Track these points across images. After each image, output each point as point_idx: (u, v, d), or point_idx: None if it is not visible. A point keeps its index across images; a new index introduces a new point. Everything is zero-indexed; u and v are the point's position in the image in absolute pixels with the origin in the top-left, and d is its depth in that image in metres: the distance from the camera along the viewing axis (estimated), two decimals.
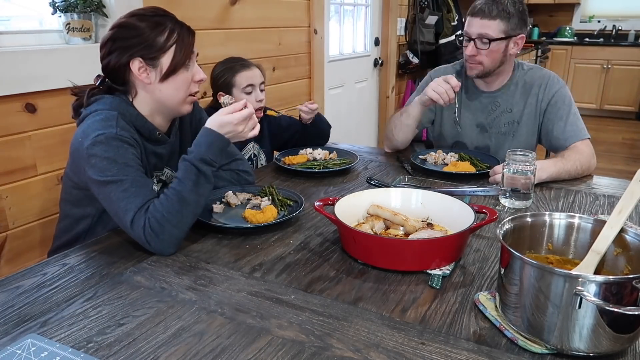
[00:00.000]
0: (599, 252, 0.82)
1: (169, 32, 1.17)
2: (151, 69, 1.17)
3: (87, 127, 1.12)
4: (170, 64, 1.17)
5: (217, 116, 1.15)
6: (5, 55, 1.47)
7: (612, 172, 4.31)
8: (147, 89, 1.20)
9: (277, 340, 0.80)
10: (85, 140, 1.10)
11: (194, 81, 1.23)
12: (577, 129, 1.67)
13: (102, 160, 1.08)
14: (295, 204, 1.32)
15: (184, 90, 1.22)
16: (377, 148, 2.04)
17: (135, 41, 1.15)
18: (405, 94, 4.28)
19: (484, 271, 1.02)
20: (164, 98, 1.21)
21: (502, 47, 1.67)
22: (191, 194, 1.09)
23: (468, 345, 0.79)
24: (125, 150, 1.11)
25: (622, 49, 6.21)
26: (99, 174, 1.08)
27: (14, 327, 0.84)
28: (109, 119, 1.13)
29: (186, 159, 1.12)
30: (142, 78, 1.17)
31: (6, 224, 1.55)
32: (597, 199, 1.43)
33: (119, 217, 1.09)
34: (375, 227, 1.14)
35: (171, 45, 1.17)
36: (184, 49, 1.19)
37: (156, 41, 1.16)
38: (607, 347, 0.74)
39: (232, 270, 1.03)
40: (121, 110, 1.17)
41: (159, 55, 1.16)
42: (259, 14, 2.51)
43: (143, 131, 1.22)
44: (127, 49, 1.15)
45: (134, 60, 1.15)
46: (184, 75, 1.21)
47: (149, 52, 1.15)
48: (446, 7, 4.19)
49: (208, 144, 1.12)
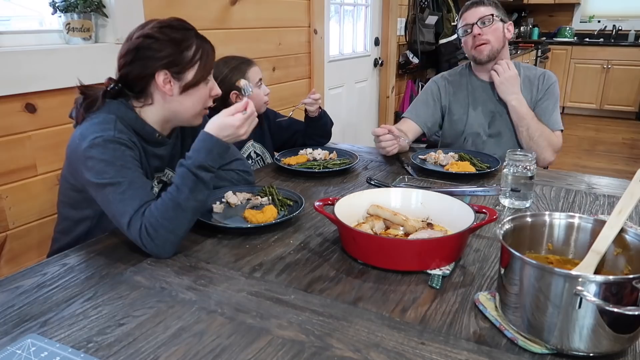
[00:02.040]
0: (599, 252, 0.82)
1: (195, 47, 1.19)
2: (175, 82, 1.18)
3: (84, 129, 1.12)
4: (193, 78, 1.19)
5: (218, 118, 1.15)
6: (5, 55, 1.47)
7: (612, 172, 4.32)
8: (166, 99, 1.21)
9: (277, 340, 0.80)
10: (82, 143, 1.10)
11: (210, 96, 1.27)
12: (555, 120, 1.88)
13: (99, 162, 1.08)
14: (295, 204, 1.32)
15: (201, 104, 1.25)
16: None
17: (163, 54, 1.16)
18: (405, 94, 4.28)
19: (484, 271, 1.02)
20: (181, 109, 1.23)
21: (501, 27, 1.84)
22: (188, 200, 1.08)
23: (468, 345, 0.79)
24: (123, 153, 1.11)
25: (622, 49, 6.21)
26: (96, 176, 1.08)
27: (14, 327, 0.84)
28: (106, 122, 1.13)
29: (184, 165, 1.11)
30: (166, 90, 1.18)
31: (6, 224, 1.55)
32: (597, 199, 1.43)
33: (117, 220, 1.09)
34: (375, 227, 1.14)
35: (197, 60, 1.19)
36: (207, 65, 1.22)
37: (184, 55, 1.17)
38: (607, 347, 0.74)
39: (232, 270, 1.03)
40: (119, 113, 1.17)
41: (185, 70, 1.18)
42: (259, 14, 2.51)
43: (142, 134, 1.22)
44: (155, 61, 1.16)
45: (160, 72, 1.16)
46: (203, 90, 1.23)
47: (176, 65, 1.17)
48: (446, 7, 4.20)
49: (207, 150, 1.12)
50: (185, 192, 1.08)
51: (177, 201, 1.07)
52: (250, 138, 1.84)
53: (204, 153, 1.11)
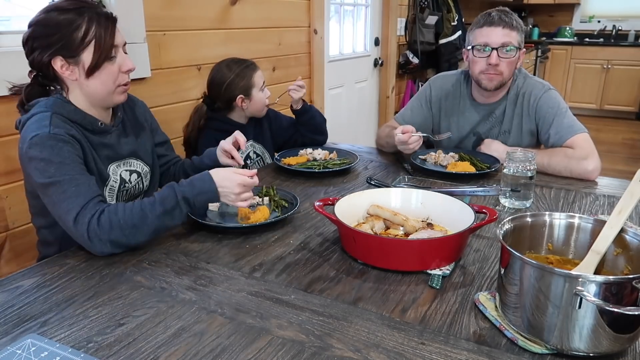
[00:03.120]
0: (599, 252, 0.82)
1: (86, 27, 1.14)
2: (74, 66, 1.16)
3: (24, 132, 1.12)
4: (91, 60, 1.15)
5: (226, 171, 1.16)
6: (6, 55, 1.47)
7: (612, 172, 4.31)
8: (75, 84, 1.19)
9: (277, 340, 0.80)
10: (23, 145, 1.10)
11: (122, 72, 1.21)
12: (567, 126, 1.67)
13: (39, 162, 1.08)
14: (290, 205, 1.32)
15: (111, 83, 1.20)
16: (377, 148, 2.04)
17: (53, 39, 1.13)
18: (405, 94, 4.27)
19: (484, 271, 1.02)
20: (92, 92, 1.20)
21: (517, 57, 1.70)
22: (157, 218, 1.08)
23: (468, 345, 0.79)
24: (60, 149, 1.09)
25: (622, 49, 6.21)
26: (39, 176, 1.08)
27: (14, 327, 0.84)
28: (42, 120, 1.12)
29: (174, 188, 1.12)
30: (67, 75, 1.16)
31: (6, 224, 1.55)
32: (597, 199, 1.43)
33: (62, 219, 1.08)
34: (375, 227, 1.14)
35: (89, 41, 1.14)
36: (104, 43, 1.16)
37: (73, 38, 1.13)
38: (607, 347, 0.74)
39: (232, 270, 1.03)
40: (56, 109, 1.15)
41: (79, 53, 1.14)
42: (259, 14, 2.51)
43: (85, 124, 1.20)
44: (47, 48, 1.13)
45: (55, 59, 1.14)
46: (109, 69, 1.18)
47: (67, 50, 1.14)
48: (446, 7, 4.19)
49: (200, 191, 1.13)
50: (158, 210, 1.08)
51: (146, 213, 1.07)
52: (250, 138, 1.85)
53: (197, 191, 1.13)
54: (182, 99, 2.12)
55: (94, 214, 1.06)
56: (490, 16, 1.67)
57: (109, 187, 1.26)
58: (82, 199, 1.07)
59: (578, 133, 1.65)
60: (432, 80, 1.94)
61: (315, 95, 3.05)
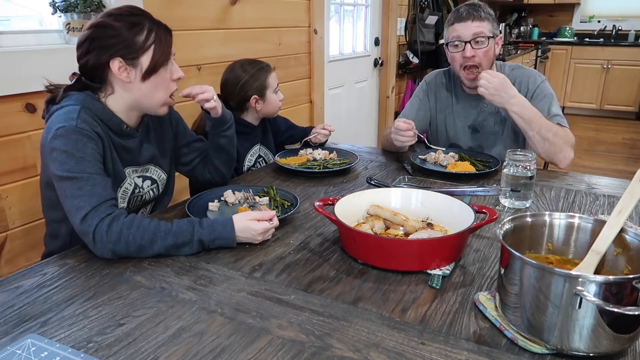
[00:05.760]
0: (599, 252, 0.82)
1: (147, 32, 1.18)
2: (131, 68, 1.18)
3: (50, 122, 1.14)
4: (150, 63, 1.18)
5: (246, 220, 1.12)
6: (5, 55, 1.47)
7: (612, 172, 4.32)
8: (126, 87, 1.20)
9: (277, 340, 0.80)
10: (48, 135, 1.11)
11: (172, 79, 1.25)
12: (560, 116, 1.71)
13: (61, 153, 1.09)
14: (290, 206, 1.32)
15: (163, 89, 1.23)
16: (377, 148, 2.04)
17: (114, 41, 1.15)
18: (405, 94, 4.27)
19: (484, 271, 1.02)
20: (143, 96, 1.22)
21: (492, 46, 1.72)
22: (164, 247, 1.07)
23: (468, 345, 0.79)
24: (84, 145, 1.11)
25: (622, 49, 6.21)
26: (58, 167, 1.09)
27: (14, 327, 0.84)
28: (70, 112, 1.13)
29: (193, 226, 1.09)
30: (123, 77, 1.18)
31: (6, 224, 1.55)
32: (597, 199, 1.43)
33: (71, 214, 1.09)
34: (375, 227, 1.14)
35: (150, 44, 1.18)
36: (163, 48, 1.20)
37: (135, 41, 1.16)
38: (607, 347, 0.74)
39: (232, 270, 1.03)
40: (86, 104, 1.17)
41: (139, 55, 1.17)
42: (259, 14, 2.51)
43: (110, 125, 1.21)
44: (107, 49, 1.16)
45: (114, 60, 1.16)
46: (163, 75, 1.22)
47: (128, 51, 1.16)
48: (446, 7, 4.19)
49: (219, 237, 1.10)
50: (169, 241, 1.07)
51: (157, 239, 1.07)
52: (259, 141, 1.86)
53: (215, 236, 1.10)
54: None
55: (104, 217, 1.06)
56: (459, 12, 1.72)
57: (123, 190, 1.26)
58: (95, 199, 1.07)
59: (565, 126, 1.69)
60: (426, 76, 1.98)
61: (315, 95, 3.06)
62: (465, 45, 1.69)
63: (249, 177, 1.66)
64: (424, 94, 1.94)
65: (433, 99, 1.92)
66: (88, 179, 1.08)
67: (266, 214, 1.15)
